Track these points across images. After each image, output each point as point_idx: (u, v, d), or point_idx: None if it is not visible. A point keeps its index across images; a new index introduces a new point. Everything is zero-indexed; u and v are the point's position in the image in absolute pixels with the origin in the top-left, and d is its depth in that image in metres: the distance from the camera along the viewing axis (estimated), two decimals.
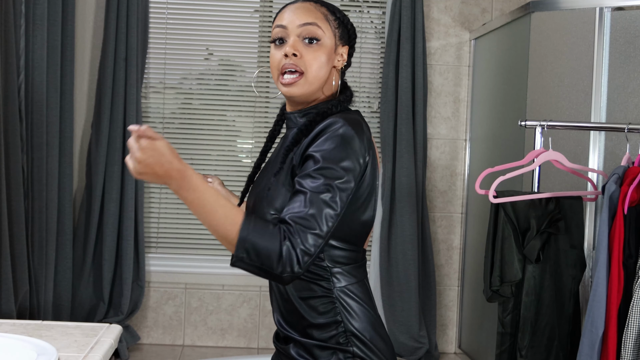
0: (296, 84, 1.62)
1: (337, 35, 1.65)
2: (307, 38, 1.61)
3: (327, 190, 1.48)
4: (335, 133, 1.52)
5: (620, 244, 2.27)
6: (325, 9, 1.66)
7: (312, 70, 1.61)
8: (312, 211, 1.47)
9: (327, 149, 1.51)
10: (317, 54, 1.61)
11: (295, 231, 1.45)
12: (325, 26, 1.63)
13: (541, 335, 2.57)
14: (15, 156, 3.57)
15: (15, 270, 3.56)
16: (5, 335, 1.63)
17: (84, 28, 4.06)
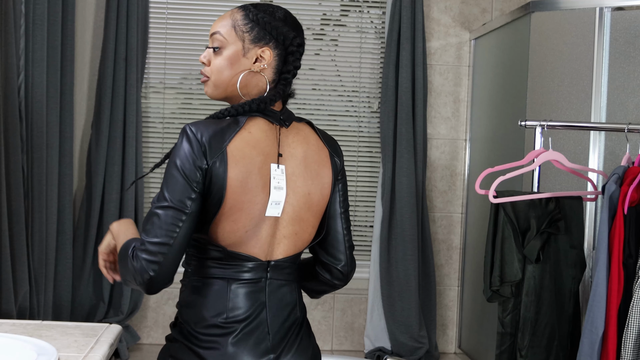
0: (205, 84, 1.75)
1: (246, 38, 1.67)
2: (213, 47, 1.70)
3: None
4: (179, 142, 1.63)
5: (620, 244, 2.27)
6: (241, 14, 1.69)
7: (213, 75, 1.71)
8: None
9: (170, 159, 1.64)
10: (217, 60, 1.70)
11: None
12: (228, 32, 1.68)
13: (541, 335, 2.57)
14: (15, 156, 3.57)
15: (15, 270, 3.56)
16: (5, 335, 1.63)
17: (84, 28, 4.06)
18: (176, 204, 1.54)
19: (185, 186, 1.56)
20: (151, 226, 1.54)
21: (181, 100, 4.23)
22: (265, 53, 1.67)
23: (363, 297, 4.24)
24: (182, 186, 1.56)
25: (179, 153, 1.59)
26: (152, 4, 4.14)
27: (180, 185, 1.56)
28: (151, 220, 1.54)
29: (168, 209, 1.54)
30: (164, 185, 1.57)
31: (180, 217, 1.54)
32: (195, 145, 1.59)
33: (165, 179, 1.58)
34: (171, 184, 1.57)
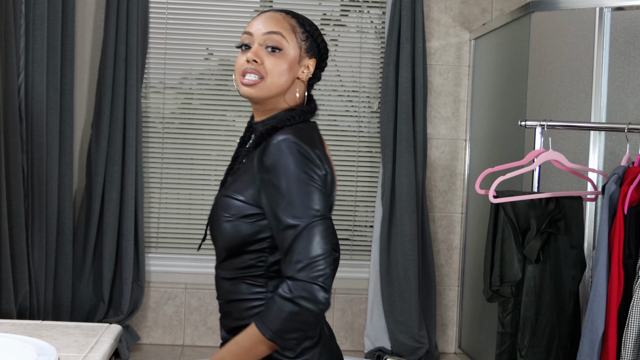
0: (255, 86, 1.66)
1: (303, 47, 1.68)
2: (269, 46, 1.66)
3: (308, 222, 1.53)
4: (293, 155, 1.55)
5: (620, 244, 2.27)
6: (295, 20, 1.70)
7: (271, 77, 1.65)
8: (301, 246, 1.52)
9: (288, 174, 1.54)
10: (278, 62, 1.65)
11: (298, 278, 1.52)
12: (290, 37, 1.67)
13: (541, 335, 2.57)
14: (15, 156, 3.57)
15: (15, 270, 3.56)
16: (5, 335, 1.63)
17: (84, 28, 4.06)
18: (326, 213, 1.55)
19: (324, 195, 1.56)
20: (309, 243, 1.51)
21: (181, 100, 4.23)
22: (311, 65, 1.70)
23: (363, 297, 4.24)
24: (323, 195, 1.56)
25: (301, 166, 1.55)
26: (152, 4, 4.14)
27: (321, 195, 1.55)
28: (306, 238, 1.51)
29: (324, 220, 1.53)
30: (302, 199, 1.53)
31: (332, 225, 1.57)
32: (312, 156, 1.57)
33: (300, 193, 1.53)
34: (312, 196, 1.53)
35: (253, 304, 1.64)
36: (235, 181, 1.66)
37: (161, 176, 4.22)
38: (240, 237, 1.61)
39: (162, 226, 4.23)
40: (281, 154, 1.55)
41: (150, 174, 4.20)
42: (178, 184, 4.22)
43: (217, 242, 1.67)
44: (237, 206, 1.61)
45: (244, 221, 1.60)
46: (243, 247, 1.62)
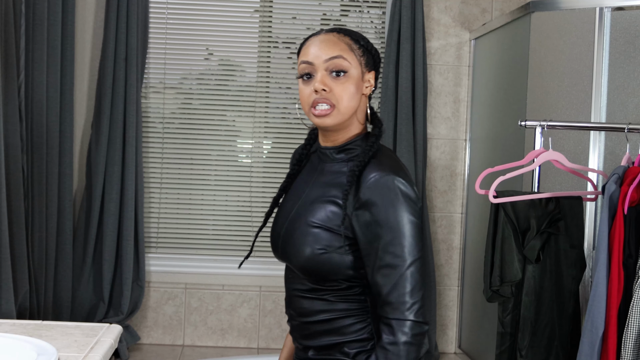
0: (329, 115, 1.63)
1: (362, 63, 1.65)
2: (334, 71, 1.62)
3: (410, 263, 1.56)
4: (393, 192, 1.56)
5: (620, 244, 2.27)
6: (349, 38, 1.66)
7: (343, 102, 1.62)
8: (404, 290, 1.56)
9: (394, 214, 1.55)
10: (346, 86, 1.62)
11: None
12: (350, 56, 1.63)
13: (541, 335, 2.57)
14: (15, 156, 3.57)
15: (15, 270, 3.56)
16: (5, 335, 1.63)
17: (84, 28, 4.06)
18: (422, 250, 1.59)
19: (421, 232, 1.60)
20: (414, 284, 1.55)
21: (181, 100, 4.23)
22: (372, 78, 1.68)
23: None
24: (421, 233, 1.59)
25: (406, 207, 1.56)
26: (152, 4, 4.14)
27: (420, 233, 1.58)
28: (410, 279, 1.54)
29: (421, 259, 1.57)
30: (405, 240, 1.55)
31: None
32: (413, 195, 1.58)
33: (404, 234, 1.55)
34: (415, 237, 1.56)
35: (353, 320, 1.65)
36: (318, 209, 1.64)
37: (161, 176, 4.22)
38: (342, 266, 1.61)
39: (162, 226, 4.23)
40: (383, 193, 1.55)
41: (150, 174, 4.20)
42: (178, 184, 4.22)
43: (307, 271, 1.65)
44: (327, 238, 1.61)
45: (340, 252, 1.61)
46: (344, 273, 1.62)
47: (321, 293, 1.66)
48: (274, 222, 1.79)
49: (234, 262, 4.20)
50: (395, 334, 1.53)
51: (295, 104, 4.21)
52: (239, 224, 4.23)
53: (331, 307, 1.66)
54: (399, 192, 1.55)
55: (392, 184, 1.55)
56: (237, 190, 4.23)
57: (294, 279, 1.72)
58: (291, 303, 1.74)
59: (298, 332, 1.74)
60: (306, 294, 1.69)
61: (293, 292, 1.73)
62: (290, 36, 4.25)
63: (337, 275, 1.62)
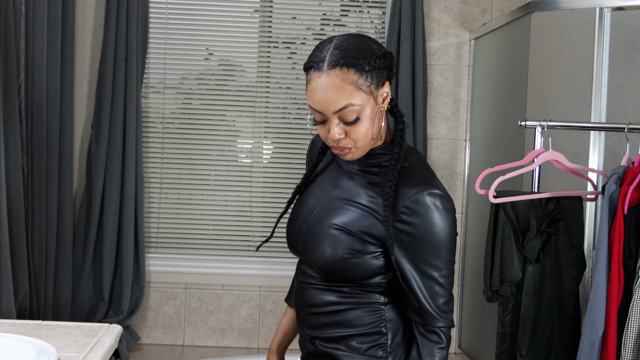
0: (350, 153, 1.61)
1: (372, 87, 1.56)
2: (345, 122, 1.57)
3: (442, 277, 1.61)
4: (435, 209, 1.57)
5: (620, 244, 2.27)
6: (354, 71, 1.53)
7: (361, 142, 1.59)
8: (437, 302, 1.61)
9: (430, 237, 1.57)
10: (361, 127, 1.57)
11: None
12: (359, 97, 1.55)
13: (541, 335, 2.57)
14: (15, 156, 3.57)
15: (15, 270, 3.56)
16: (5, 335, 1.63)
17: (84, 28, 4.06)
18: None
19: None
20: (448, 292, 1.62)
21: (181, 100, 4.23)
22: (386, 88, 1.61)
23: None
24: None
25: (447, 222, 1.58)
26: (152, 4, 4.14)
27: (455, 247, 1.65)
28: (445, 288, 1.61)
29: (452, 270, 1.63)
30: (446, 254, 1.59)
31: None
32: (453, 208, 1.61)
33: (446, 249, 1.59)
34: (453, 249, 1.62)
35: (363, 313, 1.66)
36: (345, 212, 1.64)
37: (161, 176, 4.22)
38: (370, 270, 1.62)
39: (162, 226, 4.23)
40: (424, 211, 1.56)
41: (150, 174, 4.20)
42: (178, 184, 4.22)
43: (328, 272, 1.65)
44: (350, 242, 1.61)
45: (370, 257, 1.61)
46: (365, 278, 1.63)
47: (336, 286, 1.66)
48: (292, 217, 1.77)
49: (234, 262, 4.20)
50: (443, 340, 1.61)
51: (295, 104, 4.22)
52: (239, 224, 4.23)
53: (343, 299, 1.66)
54: (440, 206, 1.57)
55: (431, 199, 1.56)
56: (237, 190, 4.23)
57: (309, 273, 1.71)
58: (302, 295, 1.74)
59: (306, 323, 1.73)
60: (320, 286, 1.69)
61: (305, 284, 1.72)
62: (290, 36, 4.25)
63: (357, 278, 1.63)
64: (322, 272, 1.65)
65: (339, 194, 1.69)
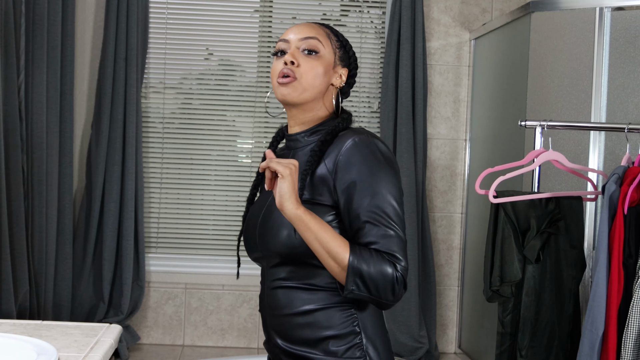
0: (290, 85, 1.67)
1: (337, 54, 1.73)
2: (306, 50, 1.69)
3: (393, 216, 1.58)
4: (372, 152, 1.60)
5: (620, 244, 2.27)
6: (329, 30, 1.75)
7: (307, 78, 1.67)
8: (391, 234, 1.57)
9: (371, 172, 1.59)
10: (314, 64, 1.68)
11: (389, 256, 1.56)
12: (326, 42, 1.71)
13: (541, 335, 2.57)
14: (15, 156, 3.57)
15: (15, 270, 3.56)
16: (5, 335, 1.63)
17: (84, 28, 4.06)
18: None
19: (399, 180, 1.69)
20: (403, 246, 1.59)
21: (181, 100, 4.23)
22: (344, 74, 1.75)
23: None
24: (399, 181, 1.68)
25: (390, 170, 1.62)
26: (152, 4, 4.14)
27: (400, 198, 1.65)
28: (397, 240, 1.58)
29: (403, 225, 1.61)
30: (392, 202, 1.59)
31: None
32: (395, 160, 1.66)
33: (393, 195, 1.60)
34: (397, 198, 1.62)
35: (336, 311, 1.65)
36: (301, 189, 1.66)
37: (161, 176, 4.22)
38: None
39: (162, 226, 4.23)
40: (363, 154, 1.59)
41: (150, 174, 4.20)
42: (178, 184, 4.22)
43: (285, 255, 1.65)
44: (321, 213, 1.62)
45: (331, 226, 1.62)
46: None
47: (304, 282, 1.66)
48: (246, 223, 1.79)
49: (234, 262, 4.19)
50: (398, 266, 1.56)
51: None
52: (239, 224, 4.23)
53: (313, 296, 1.65)
54: (378, 152, 1.60)
55: (371, 144, 1.61)
56: (237, 190, 4.23)
57: (274, 272, 1.71)
58: (271, 298, 1.73)
59: (275, 327, 1.72)
60: (288, 284, 1.68)
61: (274, 288, 1.71)
62: None
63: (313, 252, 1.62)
64: (286, 257, 1.65)
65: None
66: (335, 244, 1.55)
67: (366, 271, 1.53)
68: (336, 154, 1.62)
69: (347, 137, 1.63)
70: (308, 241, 1.56)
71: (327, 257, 1.56)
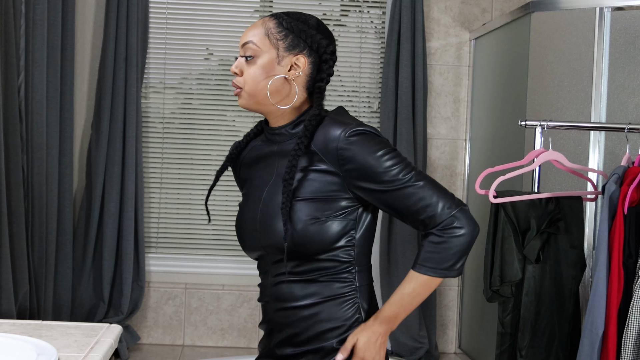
0: (240, 95, 1.71)
1: (280, 46, 1.68)
2: (245, 57, 1.69)
3: (413, 176, 1.63)
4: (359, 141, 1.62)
5: (620, 244, 2.27)
6: (275, 22, 1.69)
7: (248, 85, 1.68)
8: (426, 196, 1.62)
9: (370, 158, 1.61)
10: (252, 69, 1.68)
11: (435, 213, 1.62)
12: (262, 41, 1.68)
13: (541, 335, 2.57)
14: (15, 156, 3.57)
15: (15, 270, 3.56)
16: (5, 335, 1.63)
17: (84, 28, 4.06)
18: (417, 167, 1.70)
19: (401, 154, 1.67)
20: (425, 192, 1.62)
21: (181, 100, 4.23)
22: (299, 60, 1.69)
23: None
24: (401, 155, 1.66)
25: (385, 142, 1.64)
26: (152, 4, 4.14)
27: (401, 154, 1.65)
28: (419, 190, 1.61)
29: (420, 172, 1.64)
30: (403, 164, 1.62)
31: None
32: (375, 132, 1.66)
33: (401, 161, 1.63)
34: (400, 158, 1.63)
35: (345, 302, 1.68)
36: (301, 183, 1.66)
37: (161, 176, 4.22)
38: (333, 231, 1.64)
39: (162, 226, 4.23)
40: (353, 145, 1.61)
41: (150, 174, 4.20)
42: (178, 184, 4.22)
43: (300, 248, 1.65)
44: (314, 207, 1.64)
45: (335, 218, 1.64)
46: (331, 245, 1.65)
47: (308, 275, 1.66)
48: (240, 218, 1.78)
49: (234, 262, 4.20)
50: (438, 232, 1.62)
51: None
52: None
53: (319, 288, 1.67)
54: (366, 135, 1.62)
55: (359, 132, 1.62)
56: (237, 190, 4.23)
57: (278, 267, 1.70)
58: (274, 291, 1.73)
59: (280, 319, 1.72)
60: (293, 278, 1.68)
61: (276, 279, 1.71)
62: None
63: (326, 244, 1.63)
64: (288, 253, 1.65)
65: (281, 172, 1.71)
66: (413, 290, 1.65)
67: (451, 262, 1.62)
68: (330, 147, 1.63)
69: (333, 128, 1.64)
70: (413, 307, 1.67)
71: (425, 295, 1.66)
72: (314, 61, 1.70)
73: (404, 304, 1.64)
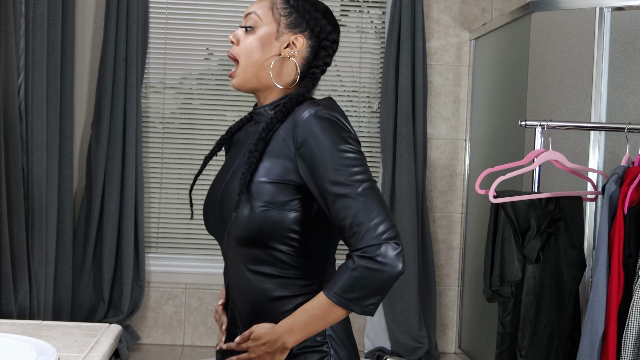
0: (234, 74, 1.66)
1: (282, 22, 1.61)
2: (244, 27, 1.64)
3: (361, 185, 1.47)
4: (322, 125, 1.50)
5: (620, 244, 2.27)
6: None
7: (242, 56, 1.64)
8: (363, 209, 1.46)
9: (326, 146, 1.48)
10: (248, 39, 1.63)
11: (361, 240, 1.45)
12: (265, 13, 1.62)
13: (541, 335, 2.57)
14: (15, 156, 3.57)
15: (15, 270, 3.56)
16: (5, 335, 1.63)
17: (84, 28, 4.06)
18: (371, 178, 1.48)
19: (364, 160, 1.51)
20: (367, 208, 1.44)
21: (181, 100, 4.23)
22: (298, 40, 1.61)
23: None
24: (363, 160, 1.50)
25: (353, 140, 1.50)
26: (152, 4, 4.14)
27: (361, 161, 1.50)
28: (361, 204, 1.44)
29: (372, 183, 1.47)
30: (359, 169, 1.47)
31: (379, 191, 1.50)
32: (342, 122, 1.52)
33: (358, 165, 1.48)
34: (354, 162, 1.48)
35: (300, 298, 1.57)
36: (250, 165, 1.56)
37: (161, 176, 4.22)
38: (283, 224, 1.52)
39: (162, 226, 4.23)
40: (320, 125, 1.49)
41: (150, 174, 4.20)
42: (178, 184, 4.22)
43: (248, 234, 1.54)
44: (272, 192, 1.53)
45: (284, 208, 1.52)
46: (283, 234, 1.54)
47: (269, 268, 1.57)
48: (207, 196, 1.69)
49: None
50: (357, 257, 1.44)
51: None
52: None
53: (280, 283, 1.57)
54: (332, 122, 1.50)
55: (324, 116, 1.50)
56: None
57: (237, 254, 1.61)
58: (235, 279, 1.64)
59: (241, 310, 1.64)
60: (252, 268, 1.59)
61: (236, 267, 1.62)
62: None
63: (275, 231, 1.53)
64: (242, 239, 1.56)
65: (249, 157, 1.60)
66: (313, 309, 1.51)
67: (360, 295, 1.49)
68: (293, 129, 1.52)
69: (305, 108, 1.53)
70: (313, 330, 1.54)
71: (324, 321, 1.54)
72: (313, 45, 1.63)
73: (301, 321, 1.50)
